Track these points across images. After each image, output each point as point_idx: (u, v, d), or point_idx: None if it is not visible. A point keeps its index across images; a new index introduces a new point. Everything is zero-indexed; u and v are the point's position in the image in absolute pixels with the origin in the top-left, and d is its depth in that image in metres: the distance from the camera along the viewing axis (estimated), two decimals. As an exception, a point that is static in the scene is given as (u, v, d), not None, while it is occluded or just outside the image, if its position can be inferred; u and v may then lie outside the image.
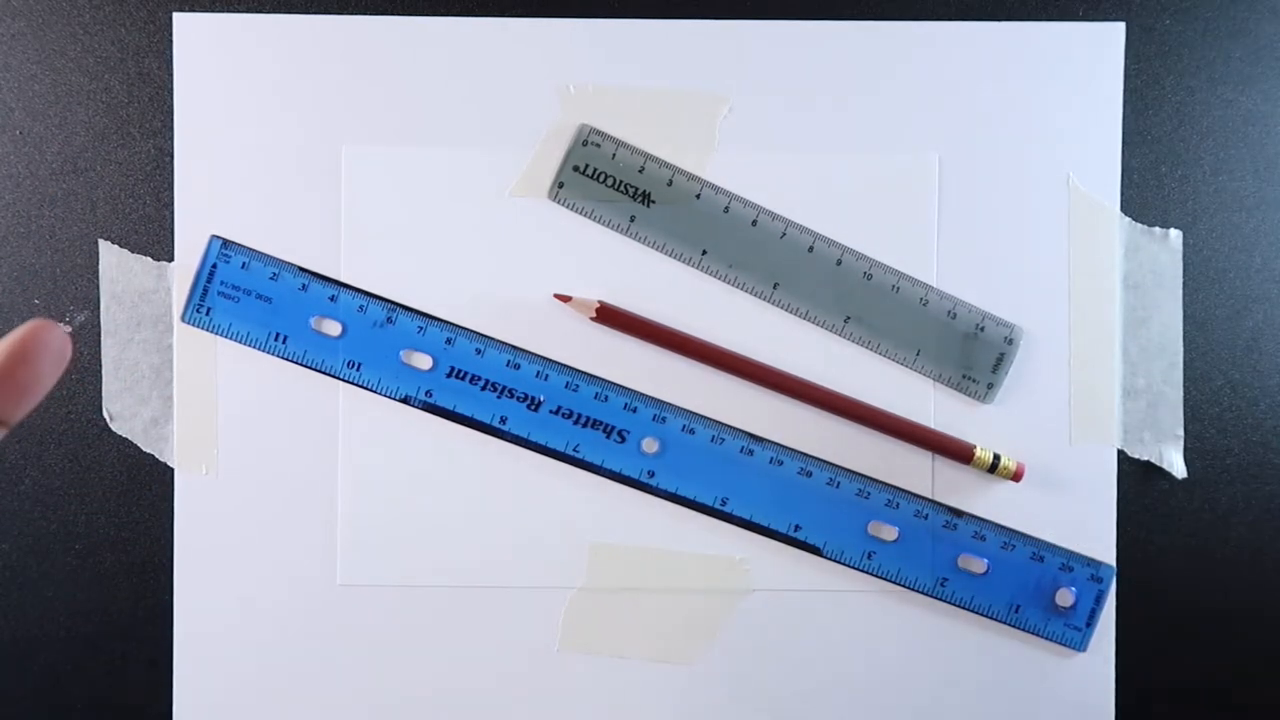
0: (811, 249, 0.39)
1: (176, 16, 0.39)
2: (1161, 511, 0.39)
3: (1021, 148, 0.39)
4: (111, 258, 0.39)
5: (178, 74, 0.39)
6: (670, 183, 0.39)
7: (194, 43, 0.39)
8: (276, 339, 0.38)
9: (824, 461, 0.39)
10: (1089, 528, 0.39)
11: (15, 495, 0.39)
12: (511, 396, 0.38)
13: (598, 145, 0.39)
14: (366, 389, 0.38)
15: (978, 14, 0.39)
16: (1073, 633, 0.39)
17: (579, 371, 0.39)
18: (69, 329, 0.22)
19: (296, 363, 0.38)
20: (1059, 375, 0.39)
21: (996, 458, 0.38)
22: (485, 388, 0.38)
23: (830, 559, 0.39)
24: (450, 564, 0.39)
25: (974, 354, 0.39)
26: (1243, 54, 0.39)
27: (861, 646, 0.39)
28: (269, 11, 0.39)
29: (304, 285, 0.38)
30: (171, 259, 0.39)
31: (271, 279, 0.38)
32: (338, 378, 0.38)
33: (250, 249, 0.38)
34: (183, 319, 0.38)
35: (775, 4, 0.39)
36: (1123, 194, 0.39)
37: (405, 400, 0.38)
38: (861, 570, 0.39)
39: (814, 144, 0.39)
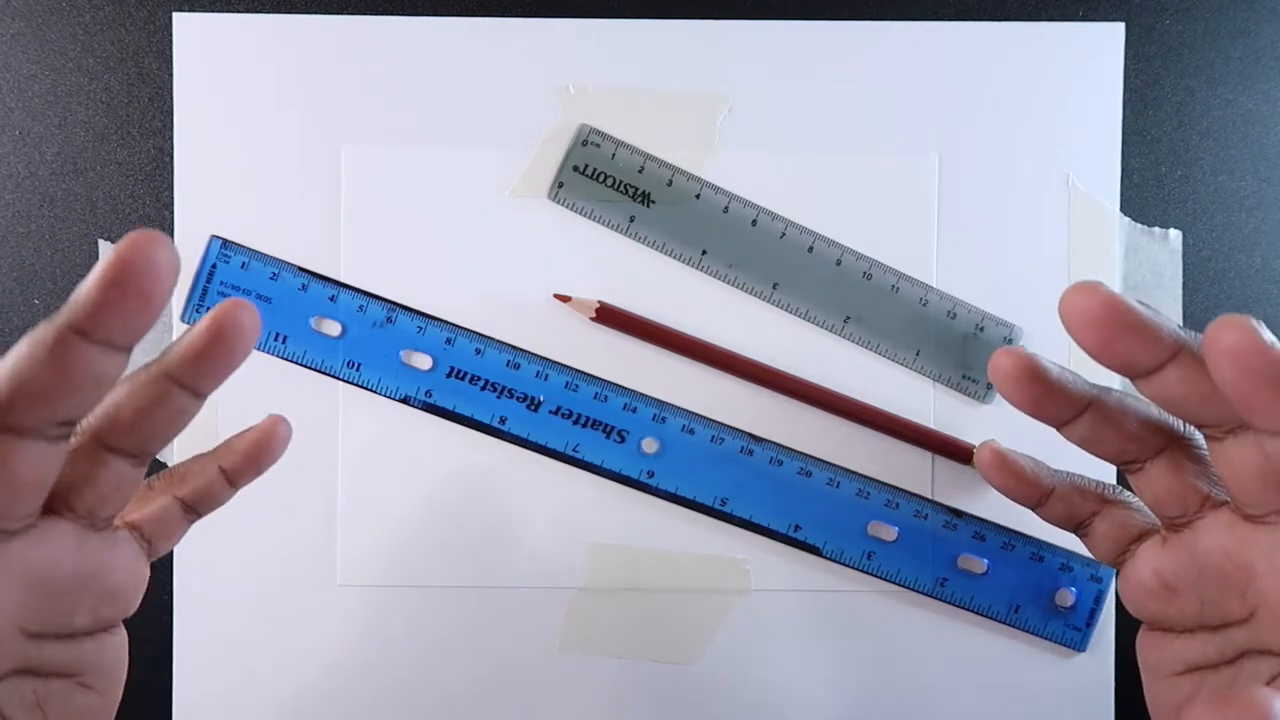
0: (811, 249, 0.39)
1: (176, 16, 0.39)
2: (1161, 511, 0.39)
3: (1021, 148, 0.39)
4: (111, 258, 0.39)
5: (178, 74, 0.39)
6: (670, 183, 0.39)
7: (194, 43, 0.39)
8: (276, 339, 0.38)
9: (824, 461, 0.39)
10: (1089, 528, 0.39)
11: (15, 495, 0.39)
12: (511, 396, 0.38)
13: (597, 145, 0.39)
14: (366, 389, 0.38)
15: (978, 14, 0.39)
16: (1073, 633, 0.39)
17: (579, 371, 0.39)
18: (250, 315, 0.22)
19: (296, 363, 0.38)
20: (1059, 375, 0.39)
21: (996, 458, 0.38)
22: (485, 388, 0.38)
23: (830, 559, 0.39)
24: (450, 564, 0.39)
25: (974, 354, 0.39)
26: (1243, 54, 0.39)
27: (861, 646, 0.39)
28: (269, 11, 0.39)
29: (304, 285, 0.38)
30: (171, 259, 0.39)
31: (271, 279, 0.38)
32: (338, 378, 0.38)
33: (250, 249, 0.38)
34: (182, 319, 0.38)
35: (775, 4, 0.39)
36: (1123, 194, 0.39)
37: (405, 400, 0.38)
38: (861, 570, 0.39)
39: (814, 144, 0.39)
